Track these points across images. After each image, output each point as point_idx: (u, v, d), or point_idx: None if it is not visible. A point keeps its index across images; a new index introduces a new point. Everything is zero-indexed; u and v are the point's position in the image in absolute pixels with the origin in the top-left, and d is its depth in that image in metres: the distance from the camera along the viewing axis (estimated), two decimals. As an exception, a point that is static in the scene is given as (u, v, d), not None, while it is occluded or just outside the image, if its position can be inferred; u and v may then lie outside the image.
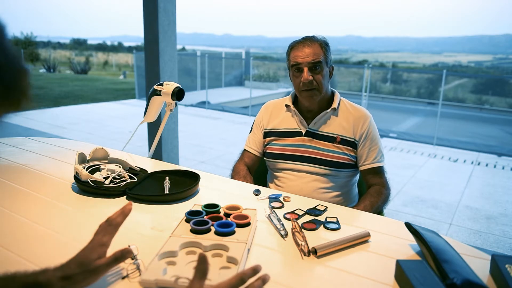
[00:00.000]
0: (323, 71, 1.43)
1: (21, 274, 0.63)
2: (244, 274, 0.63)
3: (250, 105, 8.80)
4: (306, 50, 1.42)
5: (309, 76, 1.41)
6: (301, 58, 1.41)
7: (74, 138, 5.69)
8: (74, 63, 22.60)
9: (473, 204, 3.71)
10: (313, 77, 1.42)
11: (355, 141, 1.47)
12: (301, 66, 1.42)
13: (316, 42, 1.44)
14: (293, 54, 1.45)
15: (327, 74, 1.47)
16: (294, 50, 1.45)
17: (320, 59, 1.41)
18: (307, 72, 1.41)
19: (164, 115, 1.59)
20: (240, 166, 1.58)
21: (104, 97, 10.47)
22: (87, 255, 0.68)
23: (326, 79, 1.47)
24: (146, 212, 1.11)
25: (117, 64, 34.35)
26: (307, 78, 1.41)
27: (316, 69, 1.42)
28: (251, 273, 0.64)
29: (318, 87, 1.43)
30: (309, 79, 1.41)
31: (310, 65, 1.41)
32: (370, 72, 7.75)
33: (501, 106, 11.40)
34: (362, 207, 1.35)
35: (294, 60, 1.43)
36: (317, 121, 1.49)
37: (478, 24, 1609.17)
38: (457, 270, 0.75)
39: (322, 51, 1.43)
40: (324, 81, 1.44)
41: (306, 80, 1.41)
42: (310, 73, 1.42)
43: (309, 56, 1.41)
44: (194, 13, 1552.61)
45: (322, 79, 1.43)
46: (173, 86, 1.50)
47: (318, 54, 1.41)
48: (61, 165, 1.47)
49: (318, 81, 1.43)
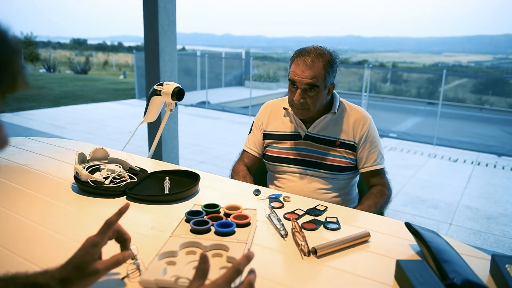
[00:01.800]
0: (319, 94, 1.37)
1: (22, 275, 0.62)
2: (239, 264, 0.62)
3: (250, 105, 8.80)
4: (306, 71, 1.33)
5: (300, 99, 1.36)
6: (298, 77, 1.34)
7: (74, 138, 5.69)
8: (74, 63, 22.61)
9: (473, 204, 3.71)
10: (305, 99, 1.37)
11: (354, 144, 1.46)
12: (297, 85, 1.36)
13: (321, 61, 1.34)
14: (293, 68, 1.37)
15: (323, 95, 1.40)
16: (295, 64, 1.37)
17: (317, 83, 1.34)
18: (300, 94, 1.35)
19: (164, 115, 1.59)
20: (240, 167, 1.57)
21: (104, 97, 10.47)
22: (82, 257, 0.67)
23: (321, 100, 1.40)
24: (146, 212, 1.11)
25: (117, 64, 34.37)
26: (298, 100, 1.36)
27: (311, 91, 1.35)
28: (245, 261, 0.63)
29: (309, 108, 1.39)
30: (300, 101, 1.36)
31: (306, 86, 1.35)
32: (370, 72, 7.75)
33: (501, 106, 11.41)
34: (367, 207, 1.34)
35: (291, 75, 1.37)
36: (317, 125, 1.47)
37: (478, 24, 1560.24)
38: (457, 270, 0.75)
39: (323, 73, 1.34)
40: (317, 103, 1.39)
41: (297, 102, 1.36)
42: (304, 94, 1.36)
43: (306, 78, 1.33)
44: (194, 13, 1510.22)
45: (315, 101, 1.38)
46: (173, 86, 1.50)
47: (317, 77, 1.33)
48: (61, 165, 1.47)
49: (310, 102, 1.37)
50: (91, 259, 0.67)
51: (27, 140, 1.81)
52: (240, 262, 0.62)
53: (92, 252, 0.68)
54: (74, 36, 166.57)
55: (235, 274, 0.61)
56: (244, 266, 0.62)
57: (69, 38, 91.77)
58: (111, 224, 0.72)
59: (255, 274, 0.65)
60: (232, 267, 0.62)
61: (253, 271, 0.65)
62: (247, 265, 0.63)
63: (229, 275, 0.61)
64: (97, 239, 0.70)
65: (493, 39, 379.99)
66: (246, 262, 0.63)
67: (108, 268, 0.69)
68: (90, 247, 0.68)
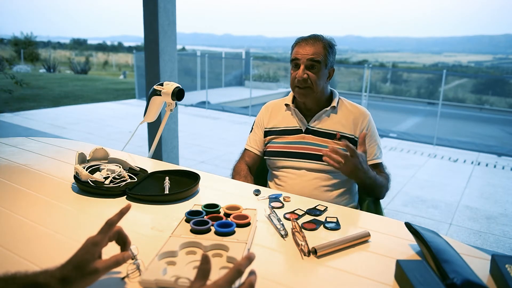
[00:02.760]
0: (320, 72, 1.44)
1: (22, 274, 0.62)
2: (240, 265, 0.62)
3: (250, 105, 8.80)
4: (308, 47, 1.42)
5: (303, 74, 1.42)
6: (301, 55, 1.43)
7: (74, 138, 5.69)
8: (74, 63, 22.61)
9: (473, 204, 3.71)
10: (308, 75, 1.42)
11: (355, 138, 1.49)
12: (299, 62, 1.43)
13: (321, 42, 1.44)
14: (295, 49, 1.46)
15: (325, 75, 1.47)
16: (297, 46, 1.46)
17: (319, 58, 1.42)
18: (303, 69, 1.42)
19: (164, 115, 1.59)
20: (241, 166, 1.58)
21: (104, 97, 10.47)
22: (82, 256, 0.67)
23: (323, 80, 1.47)
24: (146, 212, 1.11)
25: (117, 64, 34.37)
26: (301, 75, 1.42)
27: (313, 68, 1.43)
28: (246, 263, 0.63)
29: (312, 86, 1.44)
30: (303, 77, 1.42)
31: (308, 62, 1.42)
32: (370, 72, 7.75)
33: (501, 106, 11.41)
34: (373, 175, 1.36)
35: (294, 55, 1.45)
36: (317, 118, 1.51)
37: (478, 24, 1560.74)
38: (457, 270, 0.75)
39: (324, 51, 1.43)
40: (319, 81, 1.45)
41: (300, 77, 1.42)
42: (307, 71, 1.43)
43: (308, 54, 1.41)
44: (194, 13, 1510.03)
45: (317, 78, 1.44)
46: (173, 86, 1.50)
47: (318, 53, 1.42)
48: (61, 165, 1.47)
49: (313, 79, 1.43)
50: (91, 259, 0.67)
51: (27, 140, 1.81)
52: (241, 263, 0.62)
53: (92, 251, 0.68)
54: (74, 36, 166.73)
55: (236, 275, 0.61)
56: (245, 267, 0.62)
57: (69, 38, 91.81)
58: (112, 224, 0.72)
59: (255, 275, 0.64)
60: (233, 268, 0.62)
61: (253, 272, 0.65)
62: (248, 266, 0.63)
63: (230, 276, 0.61)
64: (98, 238, 0.70)
65: (493, 39, 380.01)
66: (247, 263, 0.63)
67: (108, 268, 0.69)
68: (90, 246, 0.68)
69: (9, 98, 8.86)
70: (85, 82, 14.03)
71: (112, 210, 0.75)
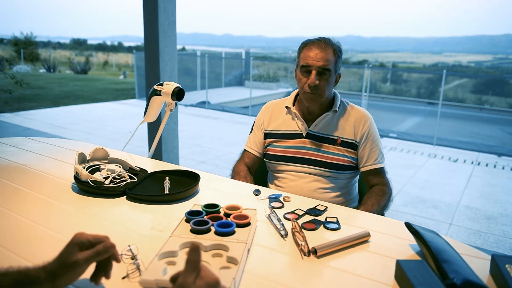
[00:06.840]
0: (330, 78, 1.41)
1: (14, 270, 0.65)
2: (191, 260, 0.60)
3: (250, 105, 8.80)
4: (319, 53, 1.38)
5: (316, 81, 1.38)
6: (312, 60, 1.38)
7: (74, 138, 5.69)
8: (74, 63, 22.60)
9: (473, 204, 3.71)
10: (319, 82, 1.39)
11: (355, 143, 1.47)
12: (310, 68, 1.39)
13: (331, 47, 1.40)
14: (304, 53, 1.41)
15: (333, 81, 1.45)
16: (306, 49, 1.41)
17: (330, 67, 1.38)
18: (315, 76, 1.38)
19: (164, 115, 1.59)
20: (241, 166, 1.58)
21: (104, 97, 10.47)
22: (64, 250, 0.68)
23: (331, 86, 1.45)
24: (146, 212, 1.11)
25: (117, 64, 34.36)
26: (313, 82, 1.38)
27: (324, 75, 1.39)
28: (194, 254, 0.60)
29: (321, 93, 1.42)
30: (315, 83, 1.38)
31: (319, 69, 1.38)
32: (370, 72, 7.75)
33: (501, 106, 11.41)
34: (370, 206, 1.34)
35: (304, 60, 1.40)
36: (318, 123, 1.49)
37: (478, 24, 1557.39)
38: (457, 270, 0.75)
39: (334, 58, 1.40)
40: (328, 88, 1.43)
41: (312, 84, 1.38)
42: (318, 77, 1.39)
43: (320, 60, 1.37)
44: (194, 13, 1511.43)
45: (327, 85, 1.41)
46: (173, 86, 1.50)
47: (329, 60, 1.38)
48: (61, 165, 1.47)
49: (323, 87, 1.41)
50: (72, 251, 0.67)
51: (27, 140, 1.81)
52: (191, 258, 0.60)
53: (74, 246, 0.68)
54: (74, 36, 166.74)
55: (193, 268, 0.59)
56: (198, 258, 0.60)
57: (69, 38, 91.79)
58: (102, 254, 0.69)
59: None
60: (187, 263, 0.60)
61: None
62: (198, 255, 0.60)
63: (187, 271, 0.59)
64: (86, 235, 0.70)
65: (493, 39, 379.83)
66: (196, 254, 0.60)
67: (89, 260, 0.68)
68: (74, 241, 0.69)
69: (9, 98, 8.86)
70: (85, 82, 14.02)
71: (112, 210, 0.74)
